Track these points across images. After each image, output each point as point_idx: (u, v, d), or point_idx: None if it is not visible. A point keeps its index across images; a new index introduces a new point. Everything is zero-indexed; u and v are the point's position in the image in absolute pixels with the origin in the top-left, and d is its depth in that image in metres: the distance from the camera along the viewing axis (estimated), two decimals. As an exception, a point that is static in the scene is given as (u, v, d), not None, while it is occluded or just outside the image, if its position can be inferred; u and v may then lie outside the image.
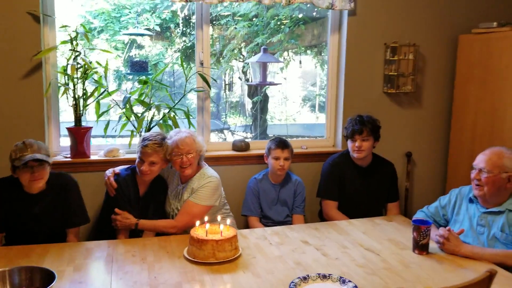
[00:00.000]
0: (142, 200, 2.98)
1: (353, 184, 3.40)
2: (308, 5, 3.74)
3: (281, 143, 3.35)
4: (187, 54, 4.21)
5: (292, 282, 2.13)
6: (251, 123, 4.48)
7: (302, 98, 4.75)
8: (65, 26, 3.17)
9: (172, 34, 4.21)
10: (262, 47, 3.54)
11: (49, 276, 1.91)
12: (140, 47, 4.17)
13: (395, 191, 3.51)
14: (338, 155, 3.51)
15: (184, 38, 4.22)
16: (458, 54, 3.94)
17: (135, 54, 4.13)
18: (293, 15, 4.06)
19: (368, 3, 3.75)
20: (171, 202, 3.06)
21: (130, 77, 3.99)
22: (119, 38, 4.10)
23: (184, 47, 4.22)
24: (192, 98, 3.69)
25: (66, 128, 3.27)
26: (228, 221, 2.60)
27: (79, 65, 3.15)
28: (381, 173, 3.45)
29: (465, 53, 3.86)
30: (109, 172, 2.98)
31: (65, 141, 3.42)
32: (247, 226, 3.38)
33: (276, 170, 3.33)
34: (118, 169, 3.04)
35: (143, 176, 2.92)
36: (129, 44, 4.09)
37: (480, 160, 2.66)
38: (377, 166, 3.45)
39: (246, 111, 4.52)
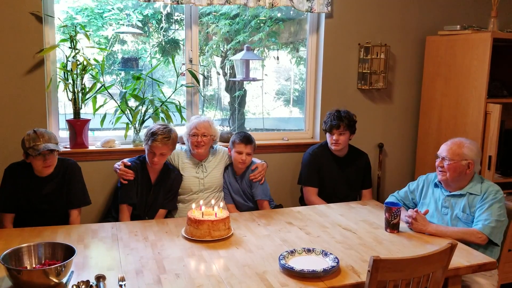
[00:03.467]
0: (154, 187, 3.20)
1: (331, 173, 3.55)
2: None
3: (245, 139, 3.32)
4: (166, 49, 4.29)
5: (281, 254, 2.30)
6: (228, 116, 4.49)
7: (276, 92, 4.72)
8: (65, 25, 3.30)
9: (151, 29, 4.25)
10: (245, 45, 3.66)
11: (69, 251, 2.09)
12: (123, 42, 4.18)
13: (369, 179, 3.68)
14: (317, 146, 3.64)
15: (163, 33, 4.23)
16: (425, 54, 4.12)
17: (118, 49, 4.15)
18: (273, 15, 4.10)
19: (344, 7, 3.90)
20: (196, 176, 3.31)
21: (110, 70, 4.08)
22: (102, 33, 4.14)
23: (163, 41, 4.29)
24: (167, 92, 3.82)
25: (66, 120, 3.37)
26: (222, 204, 2.81)
27: (78, 62, 3.27)
28: (357, 163, 3.61)
29: (432, 53, 4.05)
30: (117, 165, 3.14)
31: (62, 133, 3.53)
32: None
33: (237, 163, 3.34)
34: (126, 160, 3.20)
35: (153, 165, 3.13)
36: (111, 39, 4.20)
37: (442, 150, 2.88)
38: (353, 156, 3.61)
39: (223, 104, 4.56)
